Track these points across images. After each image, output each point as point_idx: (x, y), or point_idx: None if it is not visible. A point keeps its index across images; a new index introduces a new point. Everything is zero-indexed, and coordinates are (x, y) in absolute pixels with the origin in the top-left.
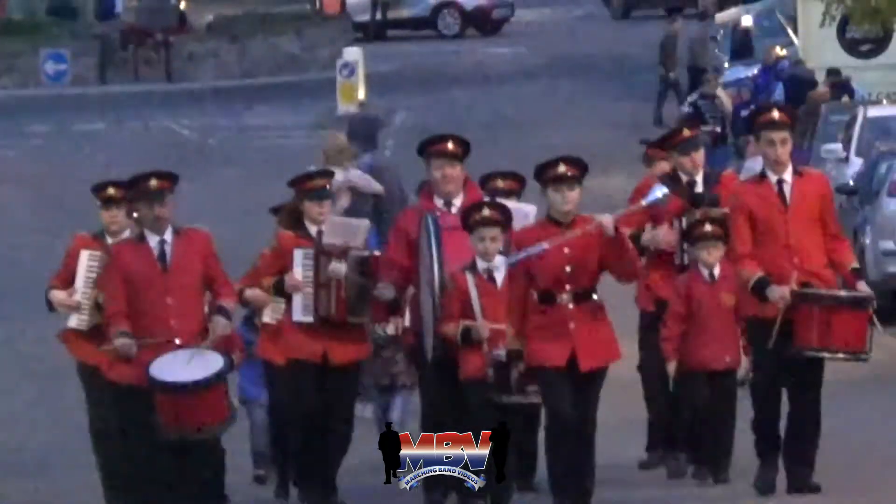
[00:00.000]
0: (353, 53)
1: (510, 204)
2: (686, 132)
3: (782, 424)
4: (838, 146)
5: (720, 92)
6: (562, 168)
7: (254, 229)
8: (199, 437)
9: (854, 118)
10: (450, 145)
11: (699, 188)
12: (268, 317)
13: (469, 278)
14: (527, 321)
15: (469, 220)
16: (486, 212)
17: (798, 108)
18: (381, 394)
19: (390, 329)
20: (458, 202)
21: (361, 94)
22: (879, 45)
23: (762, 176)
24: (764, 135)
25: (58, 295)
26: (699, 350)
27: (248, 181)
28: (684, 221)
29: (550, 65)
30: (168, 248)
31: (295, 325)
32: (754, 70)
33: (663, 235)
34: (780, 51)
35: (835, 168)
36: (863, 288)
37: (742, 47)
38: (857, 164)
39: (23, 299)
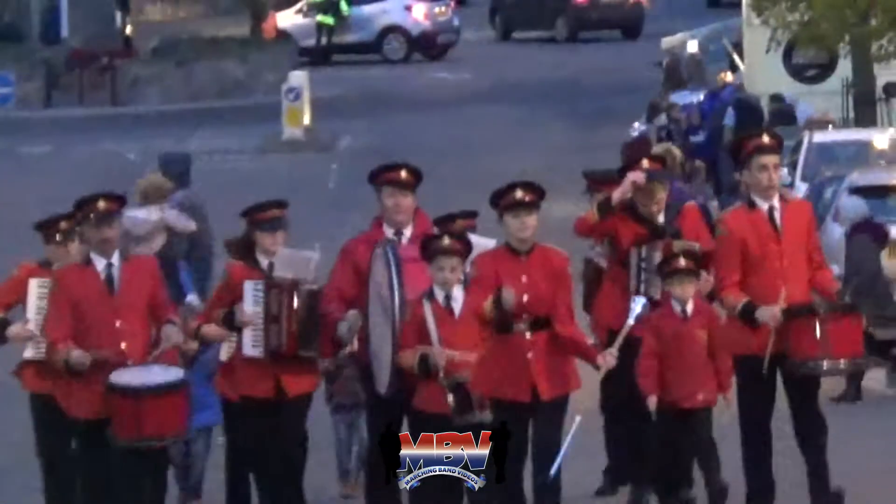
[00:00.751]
0: (298, 78)
1: (472, 238)
2: (645, 163)
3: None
4: (784, 171)
5: (664, 117)
6: (519, 194)
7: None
8: (156, 444)
9: (800, 143)
10: (403, 174)
11: (661, 219)
12: (224, 354)
13: (426, 307)
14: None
15: (429, 249)
16: (446, 242)
17: (750, 133)
18: (340, 410)
19: (347, 349)
20: (407, 232)
21: (307, 119)
22: (824, 71)
23: (751, 204)
24: (755, 160)
25: (12, 329)
26: (671, 387)
27: None
28: (643, 251)
29: (496, 89)
30: (115, 272)
31: (245, 360)
32: (700, 96)
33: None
34: (727, 76)
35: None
36: (849, 304)
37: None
38: (802, 189)
39: None
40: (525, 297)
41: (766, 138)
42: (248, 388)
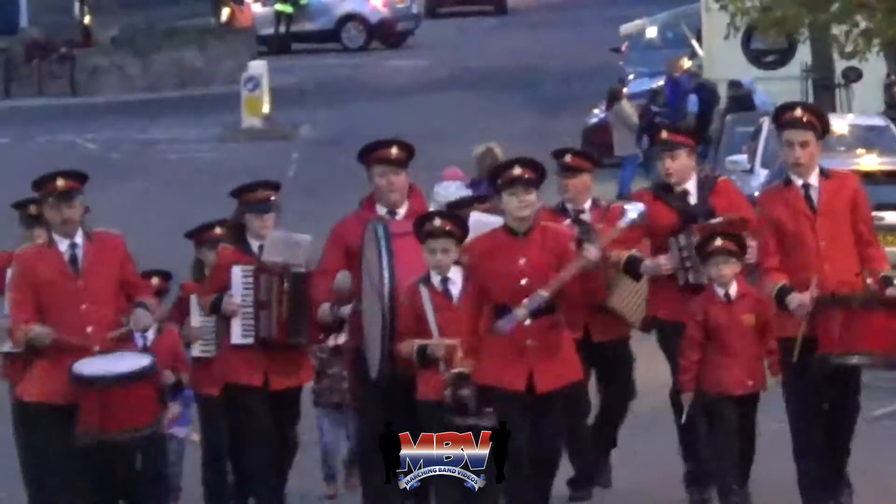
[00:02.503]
0: (257, 67)
1: (481, 216)
2: (663, 133)
3: None
4: (743, 157)
5: (625, 103)
6: (517, 170)
7: (157, 243)
8: (120, 439)
9: (759, 129)
10: (394, 151)
11: (692, 198)
12: (197, 350)
13: (423, 292)
14: (481, 339)
15: (421, 230)
16: (436, 223)
17: (709, 119)
18: (331, 412)
19: (332, 340)
20: (402, 211)
21: (266, 108)
22: (783, 56)
23: (787, 182)
24: (783, 135)
25: None
26: (720, 374)
27: (153, 194)
28: (682, 240)
29: (454, 77)
30: (80, 252)
31: (233, 348)
32: (659, 82)
33: (664, 266)
34: (685, 62)
35: (740, 179)
36: (893, 292)
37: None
38: (762, 175)
39: None
40: (524, 281)
41: (797, 112)
42: (234, 377)
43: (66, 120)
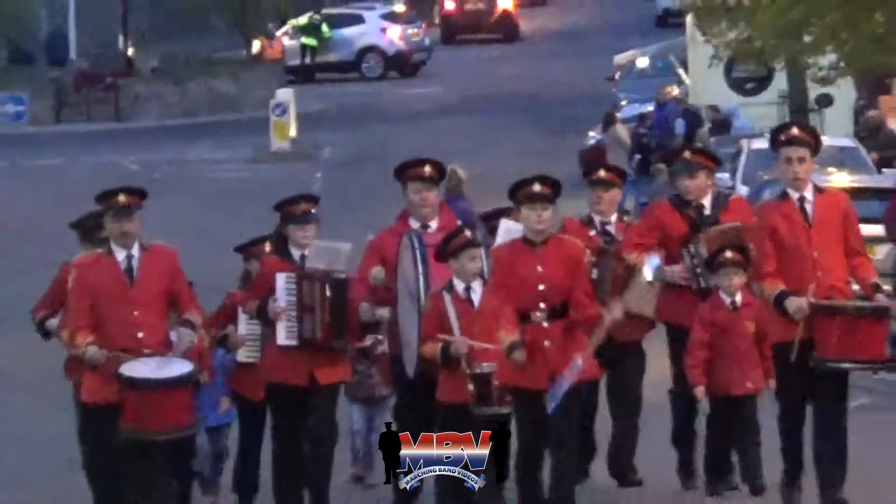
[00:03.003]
0: (284, 94)
1: (508, 223)
2: (687, 154)
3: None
4: (725, 175)
5: (619, 126)
6: (537, 187)
7: (193, 254)
8: (158, 438)
9: (740, 150)
10: (427, 169)
11: (707, 211)
12: (242, 356)
13: (447, 298)
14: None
15: (449, 245)
16: (467, 233)
17: (693, 140)
18: (362, 407)
19: (367, 341)
20: (434, 224)
21: (293, 132)
22: (762, 84)
23: (784, 195)
24: (782, 152)
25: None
26: (721, 376)
27: (189, 210)
28: (692, 248)
29: (464, 102)
30: (135, 263)
31: (279, 349)
32: (649, 107)
33: (679, 273)
34: (673, 89)
35: None
36: (881, 300)
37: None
38: (743, 191)
39: None
40: (541, 287)
41: (794, 130)
42: (281, 377)
43: (111, 143)
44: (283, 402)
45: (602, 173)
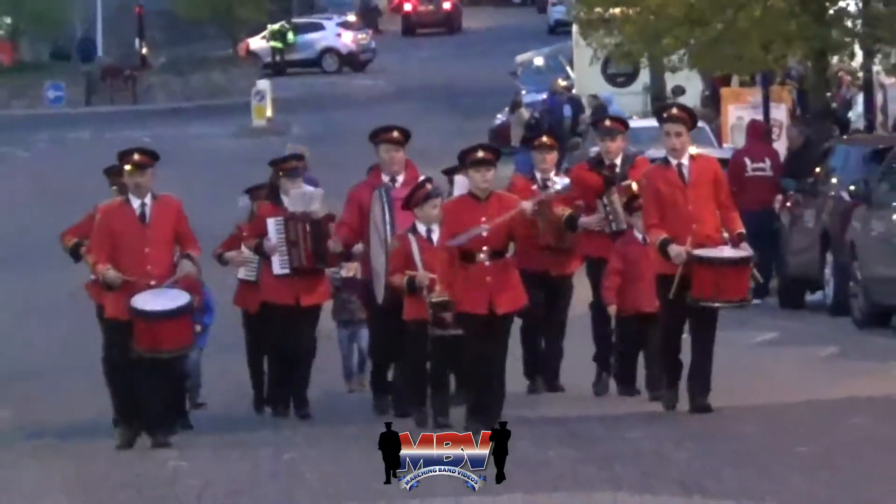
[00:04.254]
0: (263, 84)
1: (462, 178)
2: (607, 121)
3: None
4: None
5: (522, 110)
6: (480, 153)
7: (194, 208)
8: (167, 355)
9: None
10: (395, 134)
11: (618, 169)
12: (242, 274)
13: (412, 238)
14: (454, 275)
15: (416, 194)
16: (429, 186)
17: (579, 123)
18: (343, 326)
19: (344, 272)
20: (400, 178)
21: (269, 113)
22: (630, 78)
23: (665, 162)
24: (664, 127)
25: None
26: (635, 297)
27: (191, 174)
28: (605, 199)
29: (400, 92)
30: (147, 210)
31: (274, 278)
32: (543, 95)
33: (595, 221)
34: (562, 82)
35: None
36: (745, 248)
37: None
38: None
39: (31, 259)
40: (484, 233)
41: (673, 110)
42: (274, 298)
43: (129, 121)
44: (274, 318)
45: (545, 139)
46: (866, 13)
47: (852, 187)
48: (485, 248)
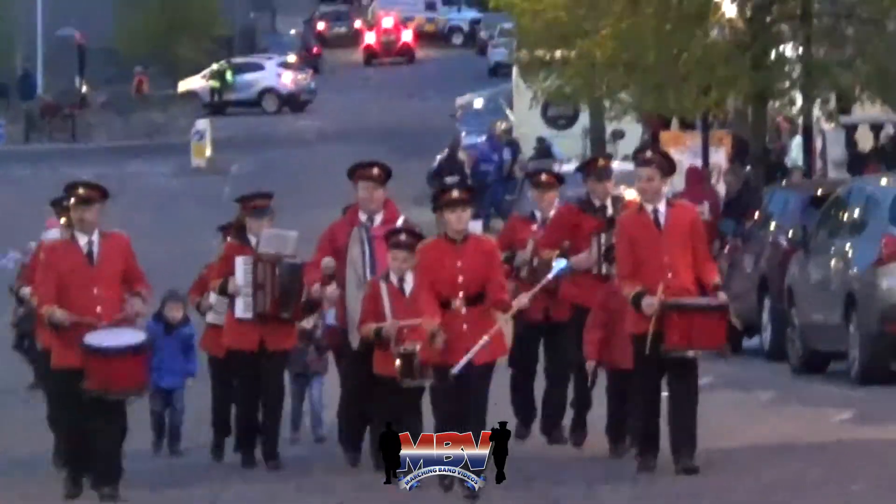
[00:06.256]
0: (202, 123)
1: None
2: (601, 162)
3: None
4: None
5: (462, 153)
6: (455, 193)
7: (138, 246)
8: (116, 396)
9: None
10: (375, 171)
11: (610, 211)
12: (210, 317)
13: (382, 286)
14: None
15: (388, 241)
16: (402, 237)
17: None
18: (296, 379)
19: (306, 323)
20: (378, 218)
21: (208, 152)
22: (570, 121)
23: (640, 207)
24: (637, 171)
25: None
26: (615, 352)
27: (129, 212)
28: (603, 238)
29: (338, 133)
30: (95, 247)
31: (237, 321)
32: (483, 138)
33: (584, 261)
34: (502, 125)
35: None
36: (721, 297)
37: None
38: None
39: None
40: (460, 279)
41: (646, 154)
42: (237, 343)
43: (69, 159)
44: (239, 364)
45: (544, 177)
46: (806, 59)
47: (791, 233)
48: (461, 293)
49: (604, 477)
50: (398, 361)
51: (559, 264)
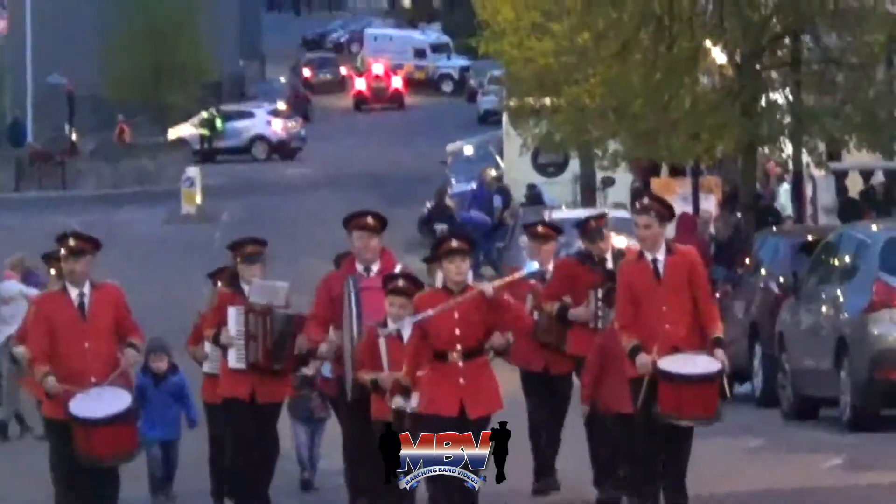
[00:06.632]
0: (192, 171)
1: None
2: (592, 223)
3: None
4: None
5: (448, 200)
6: (454, 243)
7: (126, 294)
8: (109, 464)
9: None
10: (370, 220)
11: (609, 264)
12: (206, 367)
13: (380, 334)
14: (421, 372)
15: (385, 287)
16: (399, 283)
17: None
18: (302, 423)
19: (308, 370)
20: (375, 268)
21: (199, 199)
22: (560, 168)
23: (640, 255)
24: (634, 219)
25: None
26: (611, 396)
27: (119, 260)
28: (600, 292)
29: (329, 180)
30: (87, 300)
31: (230, 370)
32: (473, 185)
33: (583, 314)
34: (492, 172)
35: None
36: (719, 357)
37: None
38: None
39: None
40: (457, 331)
41: (644, 201)
42: (230, 392)
43: (58, 207)
44: (232, 414)
45: (540, 229)
46: (795, 106)
47: (781, 279)
48: (458, 346)
49: None
50: (392, 416)
51: (530, 266)
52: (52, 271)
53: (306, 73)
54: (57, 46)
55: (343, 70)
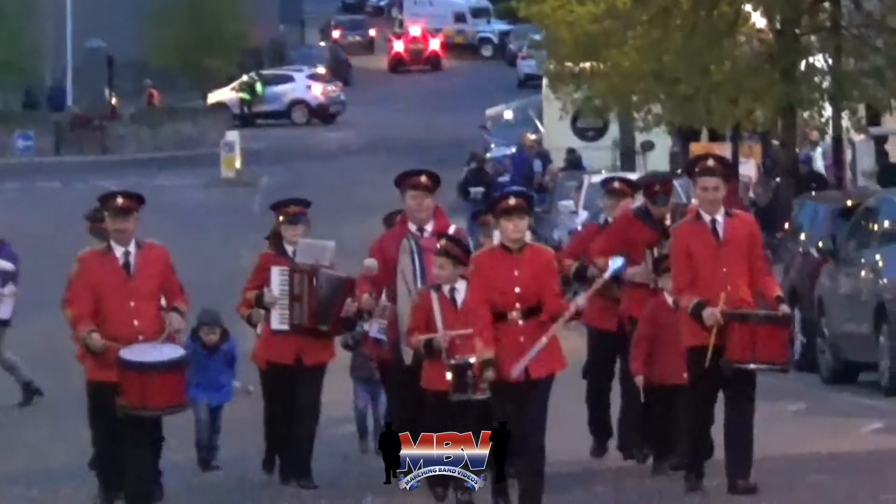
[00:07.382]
0: (232, 135)
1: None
2: (658, 186)
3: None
4: (571, 202)
5: (488, 164)
6: (512, 201)
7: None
8: (152, 413)
9: (581, 183)
10: (423, 179)
11: (668, 221)
12: (259, 329)
13: (433, 296)
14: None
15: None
16: (443, 242)
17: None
18: (363, 384)
19: (366, 326)
20: (429, 227)
21: (238, 164)
22: (600, 132)
23: (697, 217)
24: (699, 181)
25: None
26: (660, 367)
27: (159, 224)
28: (656, 251)
29: (369, 145)
30: (132, 259)
31: (273, 332)
32: (513, 149)
33: (640, 273)
34: (531, 136)
35: (567, 217)
36: (784, 309)
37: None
38: (583, 215)
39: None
40: (517, 289)
41: (709, 162)
42: (273, 356)
43: (99, 171)
44: (274, 377)
45: (616, 184)
46: (835, 70)
47: (821, 244)
48: (517, 305)
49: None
50: (450, 374)
51: (615, 263)
52: (94, 233)
53: (335, 34)
54: (97, 11)
55: (373, 32)
